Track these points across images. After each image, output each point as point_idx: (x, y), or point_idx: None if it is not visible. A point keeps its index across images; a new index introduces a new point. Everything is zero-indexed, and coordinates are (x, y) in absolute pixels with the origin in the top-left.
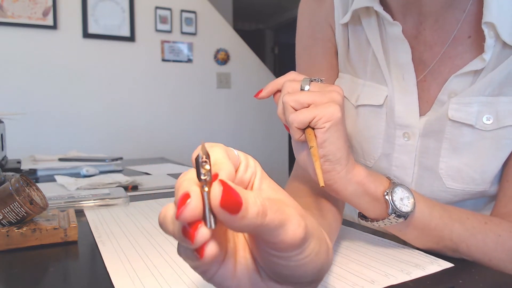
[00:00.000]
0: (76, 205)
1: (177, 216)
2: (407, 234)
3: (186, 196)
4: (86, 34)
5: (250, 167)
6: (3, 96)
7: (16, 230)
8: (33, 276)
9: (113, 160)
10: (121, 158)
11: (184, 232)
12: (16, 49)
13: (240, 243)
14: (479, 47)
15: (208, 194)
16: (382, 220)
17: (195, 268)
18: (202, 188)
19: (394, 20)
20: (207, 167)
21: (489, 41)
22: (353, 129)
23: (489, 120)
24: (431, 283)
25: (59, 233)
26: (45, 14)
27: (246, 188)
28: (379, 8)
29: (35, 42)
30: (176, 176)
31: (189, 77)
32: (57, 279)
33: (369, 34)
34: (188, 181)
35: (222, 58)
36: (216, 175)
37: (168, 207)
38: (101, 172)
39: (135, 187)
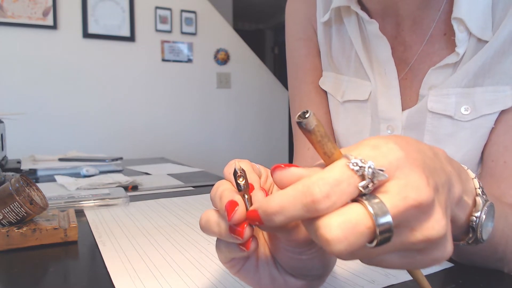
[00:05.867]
0: (76, 205)
1: (230, 219)
2: (464, 252)
3: (234, 203)
4: (86, 34)
5: (270, 178)
6: (3, 96)
7: (16, 230)
8: (33, 276)
9: (113, 160)
10: (121, 158)
11: (232, 231)
12: (16, 49)
13: (260, 243)
14: (454, 43)
15: (249, 200)
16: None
17: (227, 262)
18: (243, 196)
19: (371, 19)
20: (242, 179)
21: (460, 35)
22: (340, 125)
23: (467, 111)
24: (431, 283)
25: (59, 233)
26: (45, 14)
27: (267, 195)
28: (356, 8)
29: (35, 42)
30: (176, 176)
31: (189, 77)
32: (57, 279)
33: (350, 32)
34: (229, 191)
35: (222, 58)
36: (251, 184)
37: (209, 213)
38: (101, 172)
39: (135, 187)
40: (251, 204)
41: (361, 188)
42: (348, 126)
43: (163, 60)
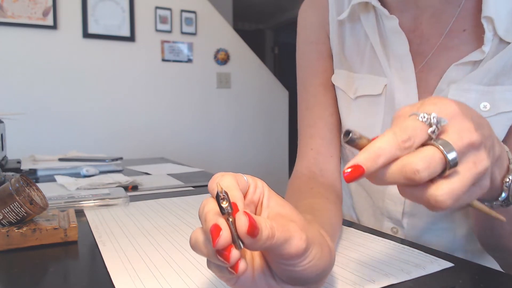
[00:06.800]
0: (76, 205)
1: (214, 245)
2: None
3: (218, 228)
4: (86, 34)
5: (258, 188)
6: (3, 96)
7: (16, 230)
8: (33, 276)
9: (113, 160)
10: (121, 158)
11: (220, 254)
12: (16, 49)
13: (256, 253)
14: (475, 40)
15: (233, 223)
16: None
17: (222, 277)
18: (227, 219)
19: (391, 15)
20: (225, 202)
21: (488, 34)
22: (352, 120)
23: (486, 108)
24: (431, 283)
25: (59, 233)
26: (45, 14)
27: (256, 207)
28: (376, 3)
29: (35, 42)
30: (176, 176)
31: (189, 77)
32: (57, 279)
33: (367, 29)
34: (212, 213)
35: (222, 58)
36: (235, 205)
37: (197, 233)
38: (101, 172)
39: (135, 187)
40: (235, 227)
41: (430, 133)
42: (360, 121)
43: (163, 60)
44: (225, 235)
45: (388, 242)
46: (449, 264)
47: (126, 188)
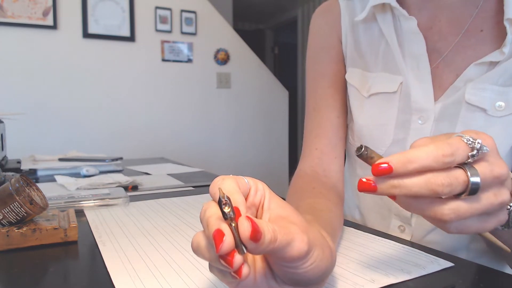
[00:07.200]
0: (76, 205)
1: (218, 251)
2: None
3: (221, 233)
4: (86, 34)
5: (259, 190)
6: (3, 96)
7: (16, 230)
8: (33, 276)
9: (113, 160)
10: (121, 158)
11: (223, 260)
12: (16, 49)
13: (257, 257)
14: (492, 40)
15: (236, 228)
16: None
17: (224, 280)
18: (229, 224)
19: (409, 14)
20: (227, 208)
21: (510, 36)
22: (364, 119)
23: (501, 107)
24: (431, 283)
25: (59, 233)
26: (45, 14)
27: (257, 209)
28: (395, 4)
29: (35, 42)
30: (176, 176)
31: (189, 77)
32: (57, 279)
33: (384, 29)
34: (214, 218)
35: (222, 58)
36: (237, 209)
37: (199, 237)
38: (101, 172)
39: (135, 187)
40: (238, 232)
41: (470, 156)
42: (373, 118)
43: (163, 60)
44: (228, 241)
45: (388, 242)
46: (449, 264)
47: (126, 188)
